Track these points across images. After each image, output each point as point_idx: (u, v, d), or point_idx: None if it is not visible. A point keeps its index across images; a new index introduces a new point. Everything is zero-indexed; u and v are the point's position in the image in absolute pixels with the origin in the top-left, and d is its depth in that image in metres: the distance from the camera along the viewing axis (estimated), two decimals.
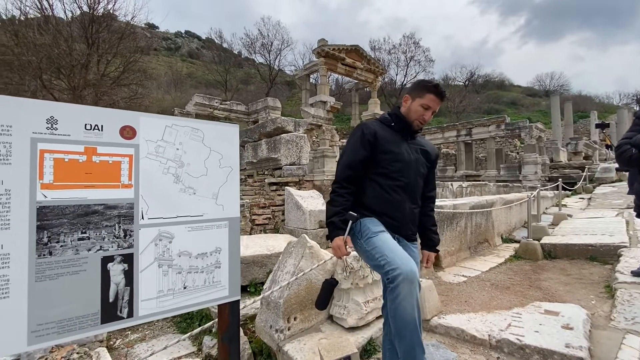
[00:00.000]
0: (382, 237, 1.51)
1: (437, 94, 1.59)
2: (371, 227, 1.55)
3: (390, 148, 1.61)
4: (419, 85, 1.65)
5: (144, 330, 2.91)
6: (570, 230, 5.60)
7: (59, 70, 9.27)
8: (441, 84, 1.67)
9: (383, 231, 1.54)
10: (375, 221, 1.58)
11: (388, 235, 1.54)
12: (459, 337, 2.33)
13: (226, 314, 1.48)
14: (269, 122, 6.57)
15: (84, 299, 1.13)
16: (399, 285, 1.38)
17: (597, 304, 2.88)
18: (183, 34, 57.70)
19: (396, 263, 1.40)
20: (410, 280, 1.38)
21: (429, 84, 1.61)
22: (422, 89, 1.61)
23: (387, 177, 1.60)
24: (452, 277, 3.74)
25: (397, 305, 1.39)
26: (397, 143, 1.64)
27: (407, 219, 1.64)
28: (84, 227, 1.15)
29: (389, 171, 1.60)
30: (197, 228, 1.40)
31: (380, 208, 1.60)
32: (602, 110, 37.22)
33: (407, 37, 36.88)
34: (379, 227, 1.55)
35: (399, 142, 1.65)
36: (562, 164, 17.48)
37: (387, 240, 1.50)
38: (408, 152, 1.65)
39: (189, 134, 1.42)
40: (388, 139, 1.62)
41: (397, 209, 1.61)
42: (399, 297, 1.38)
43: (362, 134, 1.62)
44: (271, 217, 5.27)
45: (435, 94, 1.59)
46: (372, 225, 1.56)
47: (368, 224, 1.57)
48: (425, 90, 1.60)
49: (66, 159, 1.12)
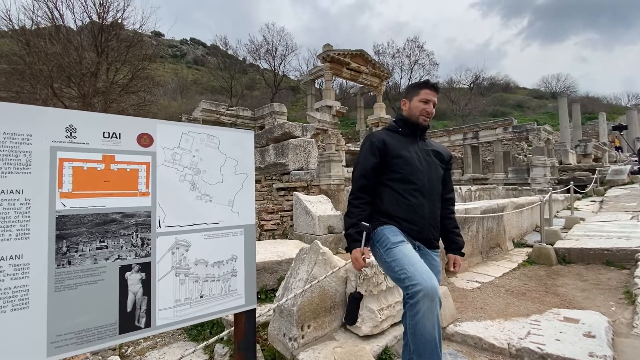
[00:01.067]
0: (402, 249, 1.48)
1: (430, 87, 1.68)
2: (391, 237, 1.52)
3: (400, 152, 1.62)
4: (411, 86, 1.75)
5: (155, 337, 2.90)
6: (584, 234, 5.49)
7: (69, 79, 9.42)
8: (443, 87, 1.70)
9: (403, 241, 1.51)
10: (394, 230, 1.55)
11: (409, 247, 1.51)
12: (476, 345, 2.28)
13: (242, 323, 1.46)
14: (277, 127, 6.58)
15: (103, 309, 1.12)
16: (419, 302, 1.35)
17: (618, 311, 2.80)
18: (188, 41, 58.43)
19: (416, 278, 1.37)
20: (431, 297, 1.35)
21: (419, 82, 1.73)
22: (415, 88, 1.71)
23: (402, 181, 1.60)
24: (466, 282, 3.68)
25: (417, 322, 1.36)
26: (408, 147, 1.66)
27: (427, 222, 1.61)
28: (103, 236, 1.14)
29: (402, 175, 1.60)
30: (213, 236, 1.39)
31: (397, 213, 1.58)
32: (610, 112, 36.73)
33: (411, 41, 36.96)
34: (399, 237, 1.53)
35: (410, 145, 1.67)
36: (571, 167, 17.25)
37: (408, 253, 1.47)
38: (419, 154, 1.67)
39: (205, 141, 1.41)
40: (397, 144, 1.65)
41: (415, 212, 1.59)
42: (419, 314, 1.35)
43: (371, 142, 1.66)
44: (280, 223, 5.25)
45: (428, 87, 1.68)
46: (391, 235, 1.53)
47: (387, 234, 1.54)
48: (418, 87, 1.69)
49: (85, 167, 1.12)
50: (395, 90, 36.09)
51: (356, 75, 20.74)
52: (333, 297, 2.45)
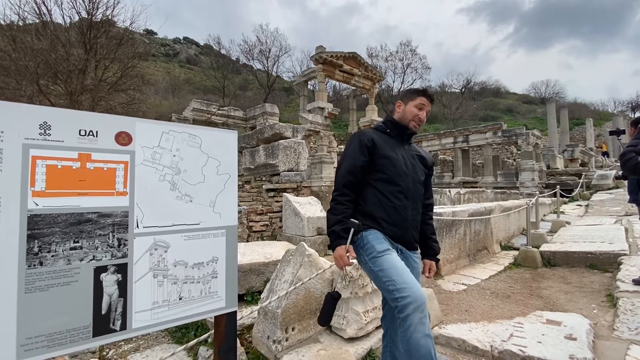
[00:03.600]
0: (389, 259, 1.46)
1: (427, 96, 1.71)
2: (376, 245, 1.50)
3: (387, 153, 1.62)
4: (409, 91, 1.77)
5: (138, 340, 2.85)
6: (569, 238, 5.58)
7: (56, 76, 9.22)
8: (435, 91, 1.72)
9: (388, 249, 1.50)
10: (378, 236, 1.54)
11: (394, 256, 1.49)
12: (460, 347, 2.29)
13: (223, 326, 1.44)
14: (267, 127, 6.55)
15: (76, 311, 1.09)
16: (410, 315, 1.34)
17: (599, 313, 2.85)
18: (181, 40, 57.96)
19: (406, 291, 1.37)
20: (421, 309, 1.36)
21: (419, 89, 1.75)
22: (413, 94, 1.73)
23: (387, 182, 1.59)
24: (452, 285, 3.70)
25: (410, 336, 1.34)
26: (394, 149, 1.66)
27: (409, 224, 1.61)
28: (77, 236, 1.11)
29: (388, 176, 1.59)
30: (193, 237, 1.37)
31: (381, 214, 1.57)
32: (597, 118, 37.51)
33: (403, 45, 37.20)
34: (384, 245, 1.51)
35: (396, 147, 1.68)
36: (558, 171, 17.56)
37: (395, 263, 1.46)
38: (405, 157, 1.67)
39: (186, 140, 1.39)
40: (385, 145, 1.65)
41: (399, 215, 1.58)
42: (411, 327, 1.34)
43: (360, 140, 1.63)
44: (269, 224, 5.22)
45: (425, 96, 1.71)
46: (376, 243, 1.51)
47: (372, 241, 1.52)
48: (416, 94, 1.72)
49: (59, 165, 1.09)
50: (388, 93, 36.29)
51: (349, 78, 20.81)
52: (319, 299, 2.44)
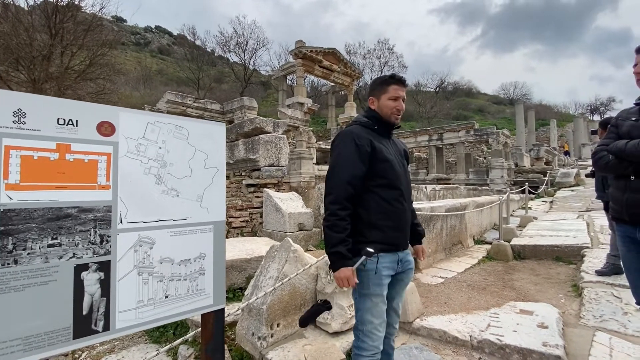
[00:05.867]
0: (375, 304, 1.46)
1: (397, 81, 1.56)
2: (372, 283, 1.45)
3: (387, 156, 1.51)
4: (376, 82, 1.62)
5: (113, 340, 2.72)
6: (537, 232, 5.89)
7: (17, 61, 8.58)
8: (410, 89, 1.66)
9: (380, 295, 1.46)
10: (379, 274, 1.46)
11: (382, 306, 1.47)
12: (441, 338, 2.36)
13: (211, 324, 1.40)
14: (247, 122, 6.42)
15: (54, 312, 1.02)
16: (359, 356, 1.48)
17: (567, 303, 3.03)
18: (153, 29, 55.63)
19: (367, 345, 1.46)
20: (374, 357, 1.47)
21: (385, 77, 1.58)
22: (383, 84, 1.58)
23: (388, 187, 1.48)
24: (431, 278, 3.81)
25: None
26: (389, 149, 1.56)
27: (407, 226, 1.57)
28: (55, 232, 1.04)
29: (388, 181, 1.48)
30: (180, 233, 1.32)
31: (386, 222, 1.47)
32: (560, 119, 39.68)
33: (381, 43, 37.71)
34: (378, 289, 1.45)
35: (389, 147, 1.57)
36: (525, 169, 18.44)
37: (377, 312, 1.46)
38: (397, 157, 1.58)
39: (172, 132, 1.33)
40: (381, 145, 1.53)
41: (401, 219, 1.52)
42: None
43: (357, 145, 1.46)
44: (249, 220, 5.15)
45: (395, 83, 1.55)
46: (373, 280, 1.45)
47: (372, 276, 1.45)
48: (385, 84, 1.57)
49: (35, 156, 1.01)
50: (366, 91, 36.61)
51: (328, 74, 20.80)
52: (304, 294, 2.43)
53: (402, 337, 2.43)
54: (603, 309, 2.67)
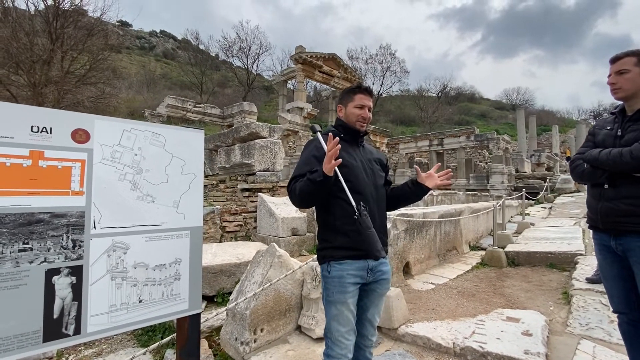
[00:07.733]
0: (340, 314, 1.47)
1: (363, 91, 1.65)
2: (335, 290, 1.47)
3: (348, 161, 1.56)
4: (344, 92, 1.72)
5: (101, 344, 2.74)
6: (532, 239, 5.87)
7: (17, 65, 8.69)
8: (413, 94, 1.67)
9: (344, 303, 1.47)
10: (342, 280, 1.48)
11: (348, 314, 1.48)
12: (425, 345, 2.36)
13: (186, 328, 1.42)
14: (243, 126, 6.47)
15: (24, 316, 1.04)
16: None
17: (555, 310, 3.02)
18: (158, 33, 56.20)
19: (335, 352, 1.46)
20: None
21: (353, 86, 1.68)
22: (349, 93, 1.67)
23: (351, 191, 1.51)
24: (421, 284, 3.80)
25: None
26: (353, 155, 1.61)
27: (378, 231, 1.55)
28: (27, 237, 1.06)
29: (350, 184, 1.52)
30: (155, 238, 1.34)
31: (350, 227, 1.49)
32: (562, 125, 39.61)
33: (383, 48, 37.86)
34: (341, 296, 1.47)
35: (354, 153, 1.62)
36: (526, 175, 18.39)
37: (343, 320, 1.47)
38: (364, 163, 1.63)
39: (149, 139, 1.35)
40: (343, 152, 1.54)
41: (367, 225, 1.49)
42: None
43: (316, 148, 1.56)
44: (243, 224, 5.17)
45: (361, 92, 1.64)
46: (337, 287, 1.47)
47: (337, 283, 1.48)
48: (352, 93, 1.66)
49: (8, 163, 1.04)
50: None
51: (328, 79, 20.91)
52: (289, 300, 2.44)
53: (387, 344, 2.43)
54: (590, 317, 2.66)
